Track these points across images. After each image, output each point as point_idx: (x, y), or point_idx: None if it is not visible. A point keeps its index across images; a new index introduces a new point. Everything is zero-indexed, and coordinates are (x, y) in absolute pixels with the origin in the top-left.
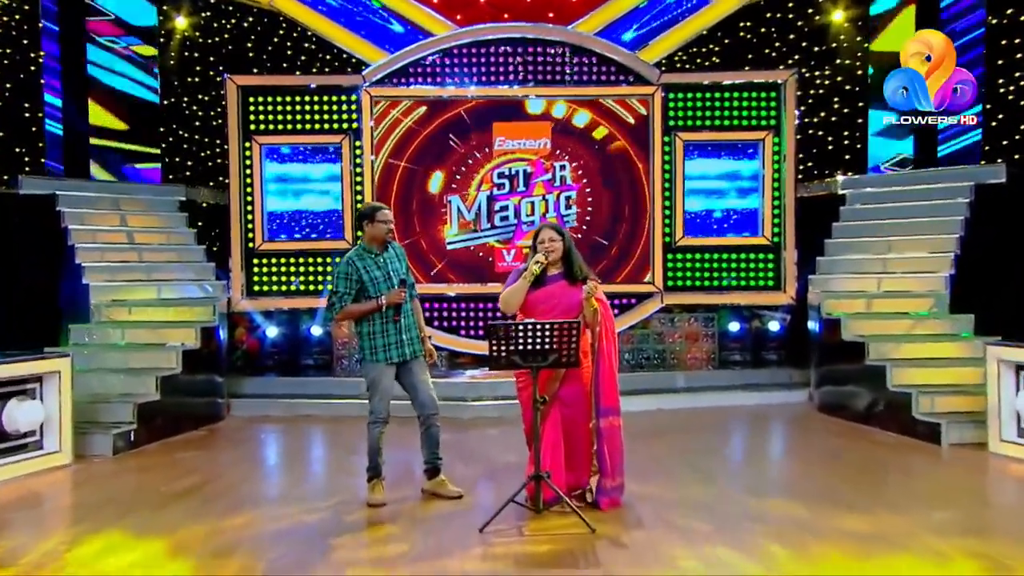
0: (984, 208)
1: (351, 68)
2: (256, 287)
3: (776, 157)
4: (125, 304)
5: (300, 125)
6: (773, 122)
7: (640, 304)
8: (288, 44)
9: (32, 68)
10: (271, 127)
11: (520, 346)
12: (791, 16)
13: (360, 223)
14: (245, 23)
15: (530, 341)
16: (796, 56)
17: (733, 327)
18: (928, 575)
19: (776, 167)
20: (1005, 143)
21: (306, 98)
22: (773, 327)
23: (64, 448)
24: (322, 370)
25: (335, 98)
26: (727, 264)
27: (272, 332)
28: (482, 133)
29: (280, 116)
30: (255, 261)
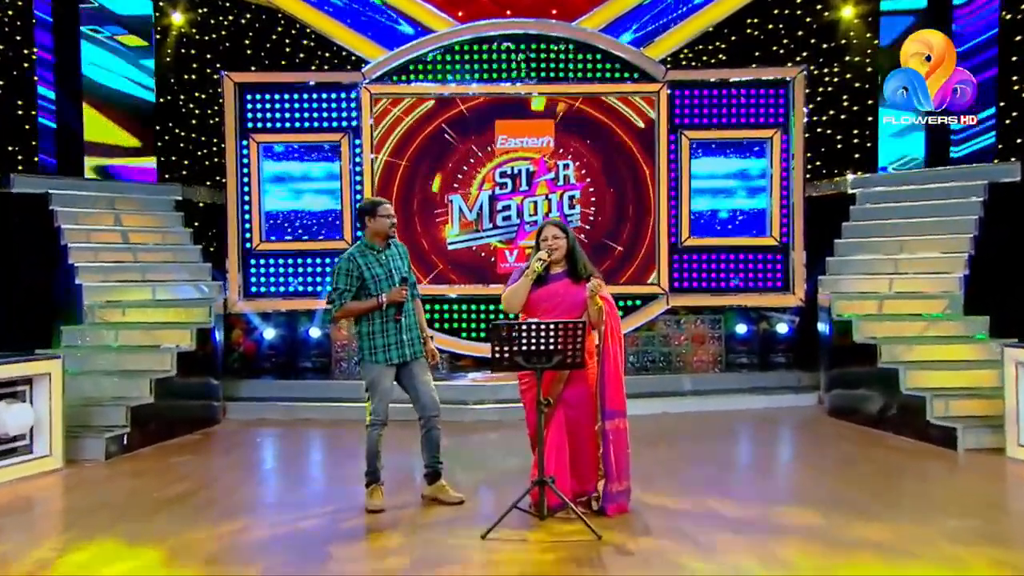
0: (998, 207)
1: (350, 65)
2: (254, 288)
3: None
4: (119, 305)
5: (299, 123)
6: (781, 120)
7: (645, 306)
8: (287, 41)
9: (25, 64)
10: (269, 125)
11: (523, 347)
12: (799, 12)
13: (361, 219)
14: (243, 19)
15: (534, 341)
16: (805, 53)
17: (740, 329)
18: None
19: (785, 164)
20: (1020, 141)
21: (305, 95)
22: (781, 329)
23: (55, 452)
24: (320, 373)
25: (334, 96)
26: (734, 265)
27: (269, 334)
28: (484, 131)
29: (278, 114)
30: (253, 261)
